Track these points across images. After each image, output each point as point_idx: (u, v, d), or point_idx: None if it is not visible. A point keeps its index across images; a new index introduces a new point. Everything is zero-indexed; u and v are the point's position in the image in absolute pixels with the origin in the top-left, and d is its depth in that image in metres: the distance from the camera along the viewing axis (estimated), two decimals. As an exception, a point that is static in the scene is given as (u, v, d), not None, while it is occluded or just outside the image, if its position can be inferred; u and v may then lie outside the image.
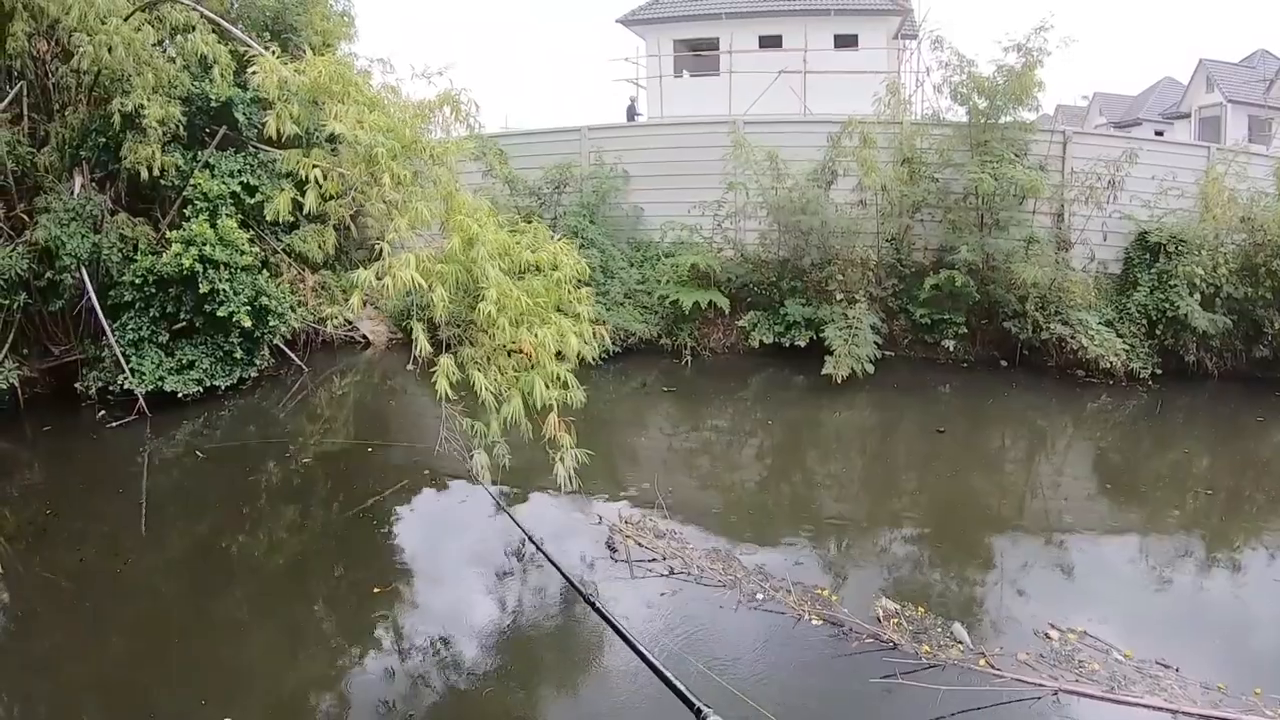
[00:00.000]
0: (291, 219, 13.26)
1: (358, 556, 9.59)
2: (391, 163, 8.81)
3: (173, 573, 9.23)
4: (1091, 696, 7.34)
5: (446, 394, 8.29)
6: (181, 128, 14.03)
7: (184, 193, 14.22)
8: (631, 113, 33.26)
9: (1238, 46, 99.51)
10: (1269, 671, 7.84)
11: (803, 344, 16.87)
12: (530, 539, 9.47)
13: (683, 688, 6.22)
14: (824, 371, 15.51)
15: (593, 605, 7.95)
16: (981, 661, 7.72)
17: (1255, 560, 10.71)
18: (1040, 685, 7.39)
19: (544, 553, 9.13)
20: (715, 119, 20.82)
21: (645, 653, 6.96)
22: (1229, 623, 8.99)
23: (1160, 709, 7.25)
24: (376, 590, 8.74)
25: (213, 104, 14.41)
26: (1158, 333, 17.26)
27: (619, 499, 10.83)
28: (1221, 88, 41.16)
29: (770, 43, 30.46)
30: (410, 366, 9.48)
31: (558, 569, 8.97)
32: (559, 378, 8.77)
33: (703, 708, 5.88)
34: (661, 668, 6.61)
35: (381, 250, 8.34)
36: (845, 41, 30.32)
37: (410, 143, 9.26)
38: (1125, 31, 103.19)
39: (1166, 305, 17.00)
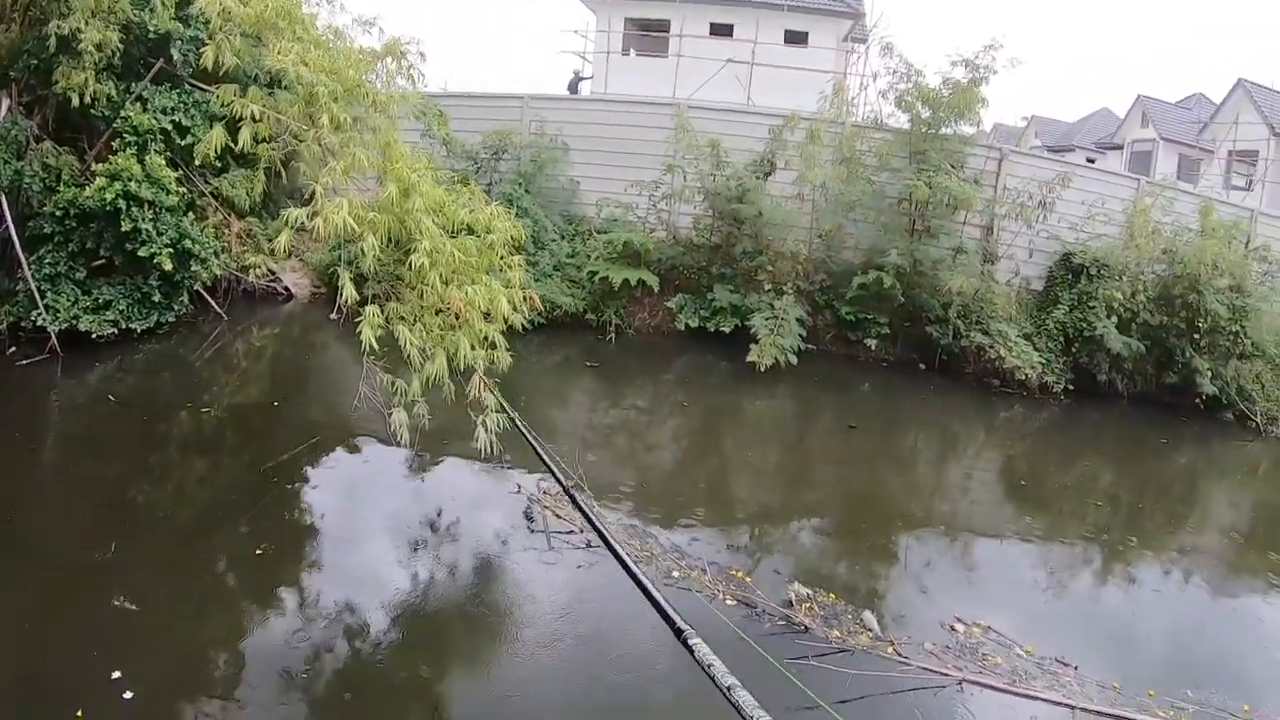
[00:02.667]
0: (220, 164, 13.02)
1: (265, 514, 9.39)
2: (332, 104, 8.68)
3: (71, 523, 8.93)
4: (994, 688, 7.61)
5: (371, 345, 8.16)
6: (117, 56, 13.52)
7: (114, 125, 13.76)
8: (574, 85, 33.17)
9: (1176, 87, 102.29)
10: (1160, 675, 8.27)
11: (727, 330, 16.96)
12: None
13: (668, 607, 6.31)
14: (749, 359, 15.61)
15: (574, 500, 7.93)
16: (890, 649, 7.99)
17: (1148, 572, 11.20)
18: (946, 675, 7.66)
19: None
20: (660, 100, 20.89)
21: (634, 569, 7.12)
22: (1122, 628, 9.45)
23: (1059, 704, 7.58)
24: (259, 551, 8.65)
25: (151, 35, 13.92)
26: (1073, 350, 17.76)
27: (537, 470, 10.75)
28: (1156, 125, 42.24)
29: (721, 31, 30.39)
30: (334, 316, 9.33)
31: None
32: (487, 338, 8.80)
33: (684, 628, 5.94)
34: (649, 586, 6.72)
35: (314, 193, 8.24)
36: (795, 38, 30.40)
37: (353, 86, 9.13)
38: (1067, 58, 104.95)
39: (1084, 324, 17.48)
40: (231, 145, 9.26)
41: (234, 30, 9.61)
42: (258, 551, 8.62)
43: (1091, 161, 38.96)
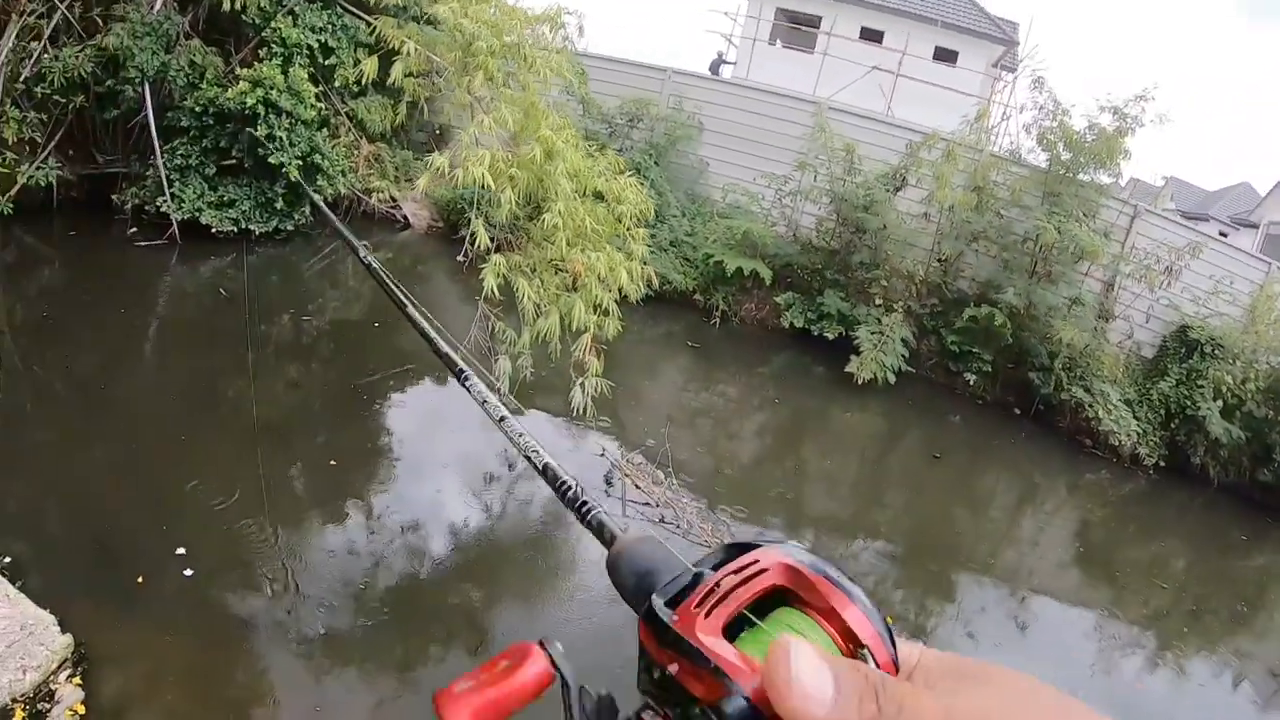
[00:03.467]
0: (358, 88, 13.15)
1: (346, 427, 9.65)
2: (489, 59, 8.82)
3: (161, 401, 9.26)
4: None
5: (492, 291, 8.33)
6: (275, -33, 13.85)
7: (262, 34, 14.03)
8: (716, 66, 32.95)
9: None
10: None
11: (831, 336, 16.80)
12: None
13: (445, 346, 6.35)
14: (847, 369, 15.54)
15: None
16: None
17: (1198, 669, 10.98)
18: None
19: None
20: (801, 95, 20.72)
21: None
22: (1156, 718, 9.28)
23: None
24: (333, 462, 8.82)
25: (313, -48, 14.22)
26: (1172, 425, 17.26)
27: (621, 438, 10.92)
28: None
29: (871, 36, 30.14)
30: (461, 259, 9.42)
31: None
32: (601, 304, 8.89)
33: (464, 369, 6.00)
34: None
35: (456, 139, 8.36)
36: (945, 55, 30.05)
37: (511, 45, 9.28)
38: (1217, 122, 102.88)
39: (1188, 402, 17.01)
40: (376, 77, 9.43)
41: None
42: (331, 462, 8.91)
43: (1224, 235, 38.14)
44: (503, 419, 1.47)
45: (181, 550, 6.73)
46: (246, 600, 6.84)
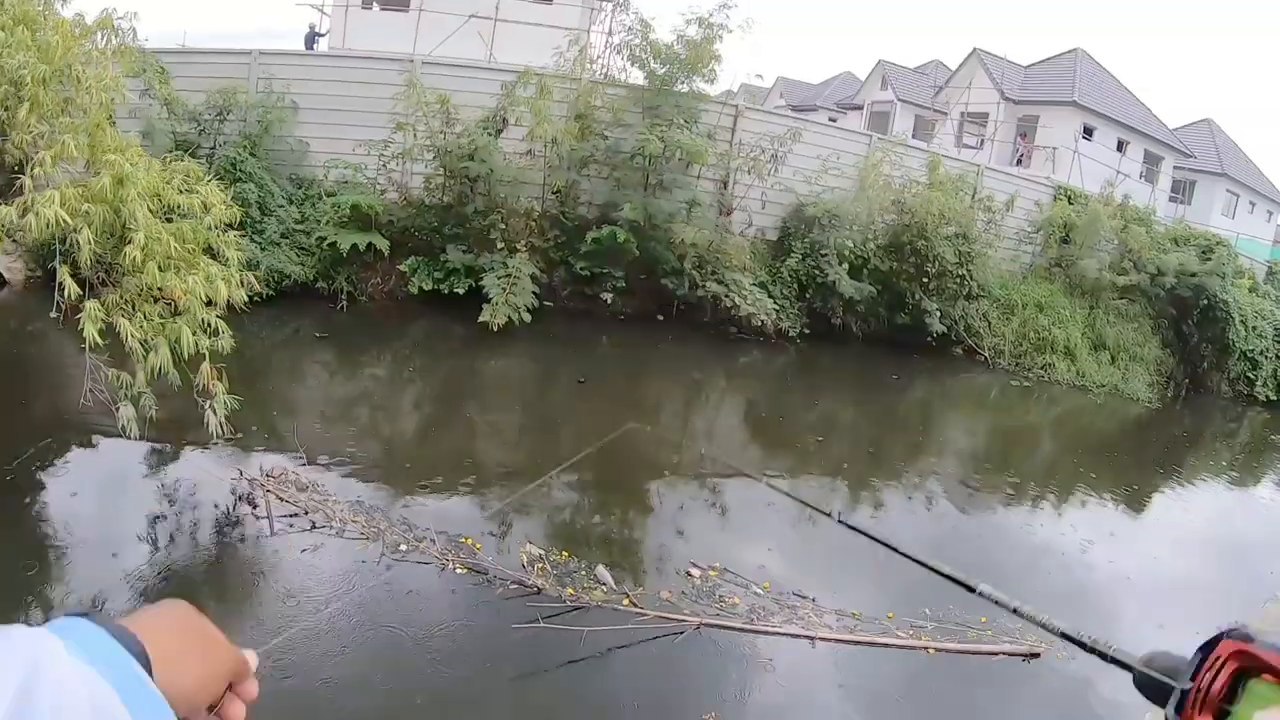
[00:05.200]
0: None
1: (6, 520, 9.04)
2: (40, 90, 8.65)
3: None
4: (732, 629, 8.24)
5: (96, 341, 8.20)
6: None
7: None
8: (310, 40, 32.38)
9: (915, 55, 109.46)
10: (896, 598, 9.08)
11: (462, 291, 17.16)
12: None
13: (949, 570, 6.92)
14: (480, 319, 16.11)
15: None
16: (625, 601, 8.39)
17: (891, 500, 12.47)
18: (683, 620, 8.18)
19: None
20: (391, 55, 20.79)
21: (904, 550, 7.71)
22: (865, 555, 9.81)
23: (798, 636, 8.28)
24: None
25: None
26: (808, 296, 19.29)
27: (270, 450, 10.92)
28: (894, 87, 45.42)
29: (462, -18, 30.32)
30: (54, 314, 9.15)
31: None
32: (209, 324, 8.88)
33: (977, 584, 6.55)
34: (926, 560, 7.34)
35: (21, 184, 8.27)
36: (540, -7, 30.59)
37: (63, 68, 8.97)
38: (813, 25, 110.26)
39: (817, 272, 18.92)
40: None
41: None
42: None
43: (833, 120, 41.76)
44: (1016, 609, 1.78)
45: None
46: None
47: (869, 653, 8.33)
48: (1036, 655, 8.46)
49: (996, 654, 8.42)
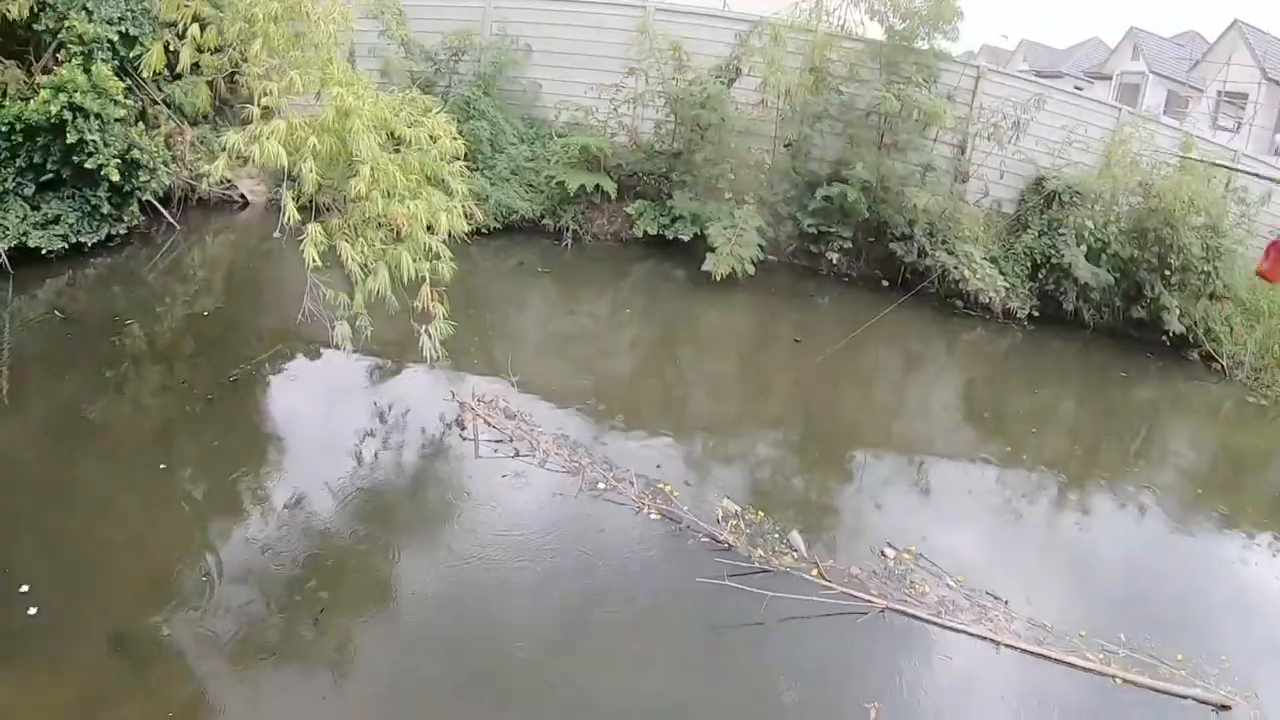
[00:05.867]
0: (170, 73, 13.00)
1: (227, 424, 9.66)
2: (270, 25, 8.86)
3: (31, 438, 9.04)
4: (917, 618, 7.93)
5: (315, 262, 8.48)
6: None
7: (58, 35, 13.69)
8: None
9: (1170, 23, 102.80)
10: (1097, 617, 8.54)
11: (686, 238, 17.05)
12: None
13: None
14: (703, 268, 15.90)
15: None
16: (814, 572, 8.24)
17: (1101, 508, 11.55)
18: (869, 601, 7.96)
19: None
20: (626, 1, 20.83)
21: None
22: (1067, 564, 9.78)
23: (983, 638, 7.90)
24: (163, 466, 8.95)
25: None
26: (1040, 276, 18.13)
27: (483, 376, 11.19)
28: (1146, 57, 42.96)
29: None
30: (277, 234, 9.49)
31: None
32: (430, 249, 9.11)
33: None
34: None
35: (250, 114, 8.49)
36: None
37: (294, 4, 9.16)
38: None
39: (1052, 251, 17.83)
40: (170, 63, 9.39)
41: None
42: (162, 466, 8.72)
43: (1079, 90, 39.44)
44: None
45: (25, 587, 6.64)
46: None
47: (1051, 669, 7.86)
48: (1228, 708, 7.78)
49: (1186, 698, 7.80)
